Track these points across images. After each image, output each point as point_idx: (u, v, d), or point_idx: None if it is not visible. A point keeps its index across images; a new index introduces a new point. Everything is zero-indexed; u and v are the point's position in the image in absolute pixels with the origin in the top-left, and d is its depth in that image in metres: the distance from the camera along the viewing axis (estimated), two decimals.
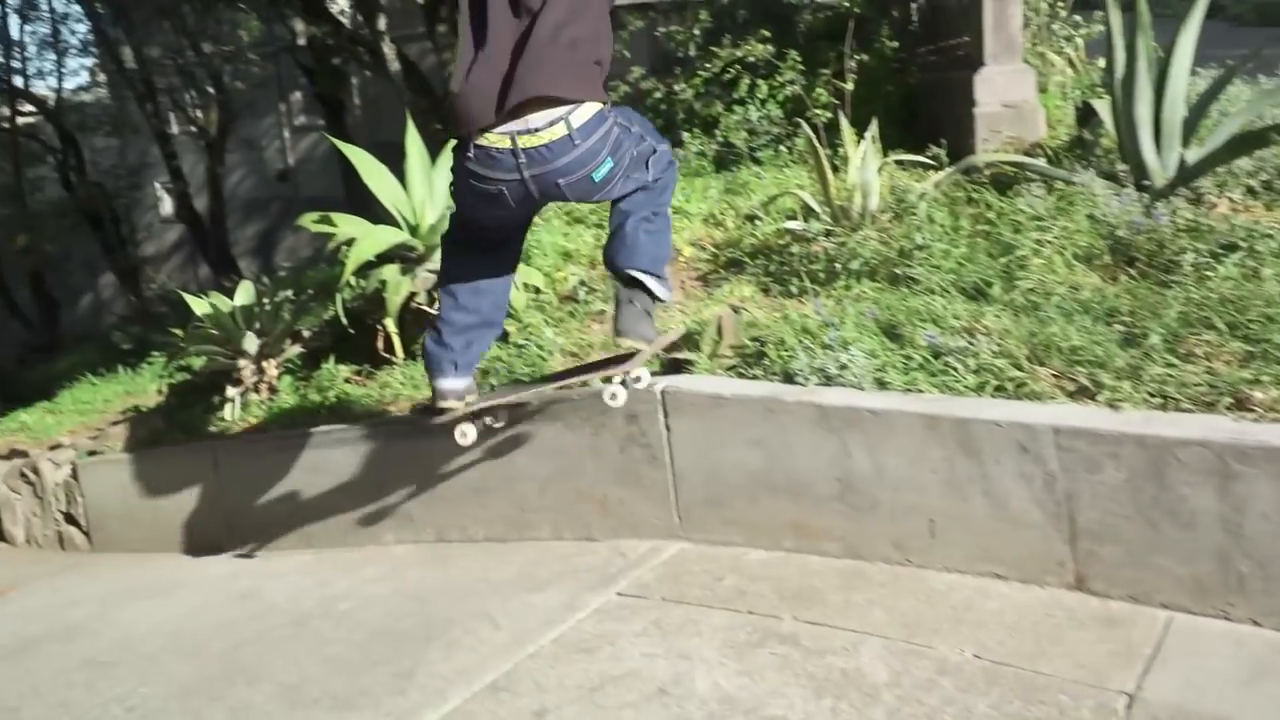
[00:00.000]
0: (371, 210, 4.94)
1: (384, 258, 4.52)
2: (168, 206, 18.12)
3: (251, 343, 4.91)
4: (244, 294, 5.15)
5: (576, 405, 3.39)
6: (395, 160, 4.66)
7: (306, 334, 5.16)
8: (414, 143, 4.57)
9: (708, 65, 5.89)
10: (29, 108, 16.39)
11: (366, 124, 14.23)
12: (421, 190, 4.53)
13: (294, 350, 5.03)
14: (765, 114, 5.55)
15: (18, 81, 16.09)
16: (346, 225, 4.59)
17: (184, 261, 18.43)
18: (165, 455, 4.85)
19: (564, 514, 3.50)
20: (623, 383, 2.98)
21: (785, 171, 5.21)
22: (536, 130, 2.59)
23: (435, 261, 4.44)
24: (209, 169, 13.79)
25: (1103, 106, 4.16)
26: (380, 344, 4.58)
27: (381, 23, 8.96)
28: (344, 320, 4.66)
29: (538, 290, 4.50)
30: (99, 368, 7.92)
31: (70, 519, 5.38)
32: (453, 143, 2.86)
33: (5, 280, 15.57)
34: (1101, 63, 5.53)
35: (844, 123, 4.37)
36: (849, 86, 5.26)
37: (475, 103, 2.61)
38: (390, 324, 4.42)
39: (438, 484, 3.79)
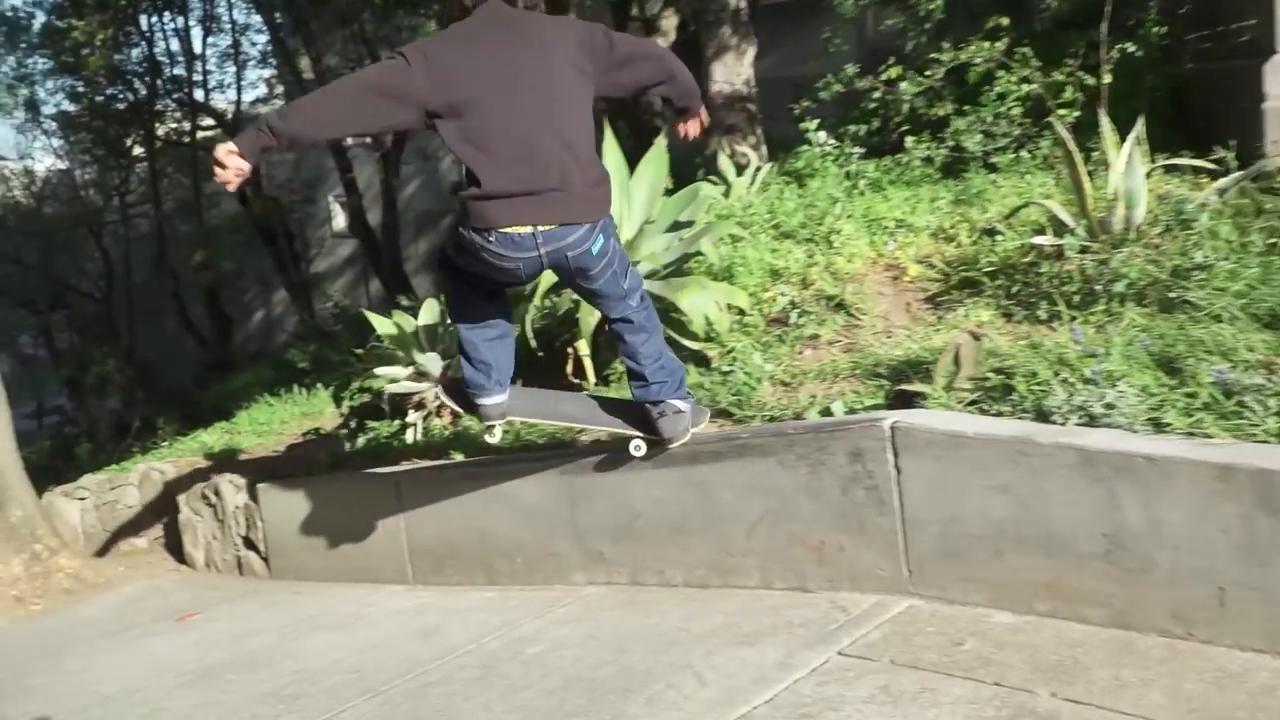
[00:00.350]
0: None
1: None
2: (341, 221, 19.31)
3: (435, 364, 5.14)
4: (428, 313, 5.40)
5: (792, 440, 3.38)
6: None
7: None
8: (613, 152, 4.69)
9: (938, 59, 5.79)
10: (208, 121, 17.90)
11: None
12: (619, 204, 4.64)
13: None
14: (1004, 112, 5.40)
15: (198, 95, 17.62)
16: None
17: (356, 278, 19.57)
18: (345, 481, 5.14)
19: (774, 560, 3.49)
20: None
21: (1027, 179, 5.06)
22: None
23: None
24: (383, 181, 14.63)
25: None
26: (570, 368, 4.71)
27: None
28: (532, 343, 4.82)
29: (742, 312, 4.53)
30: (275, 387, 8.51)
31: (249, 544, 5.77)
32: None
33: (181, 297, 16.96)
34: None
35: (1103, 121, 4.20)
36: (1106, 80, 5.05)
37: (507, 211, 3.20)
38: (583, 346, 4.54)
39: (633, 521, 3.86)
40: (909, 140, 5.77)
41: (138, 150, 18.25)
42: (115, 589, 6.09)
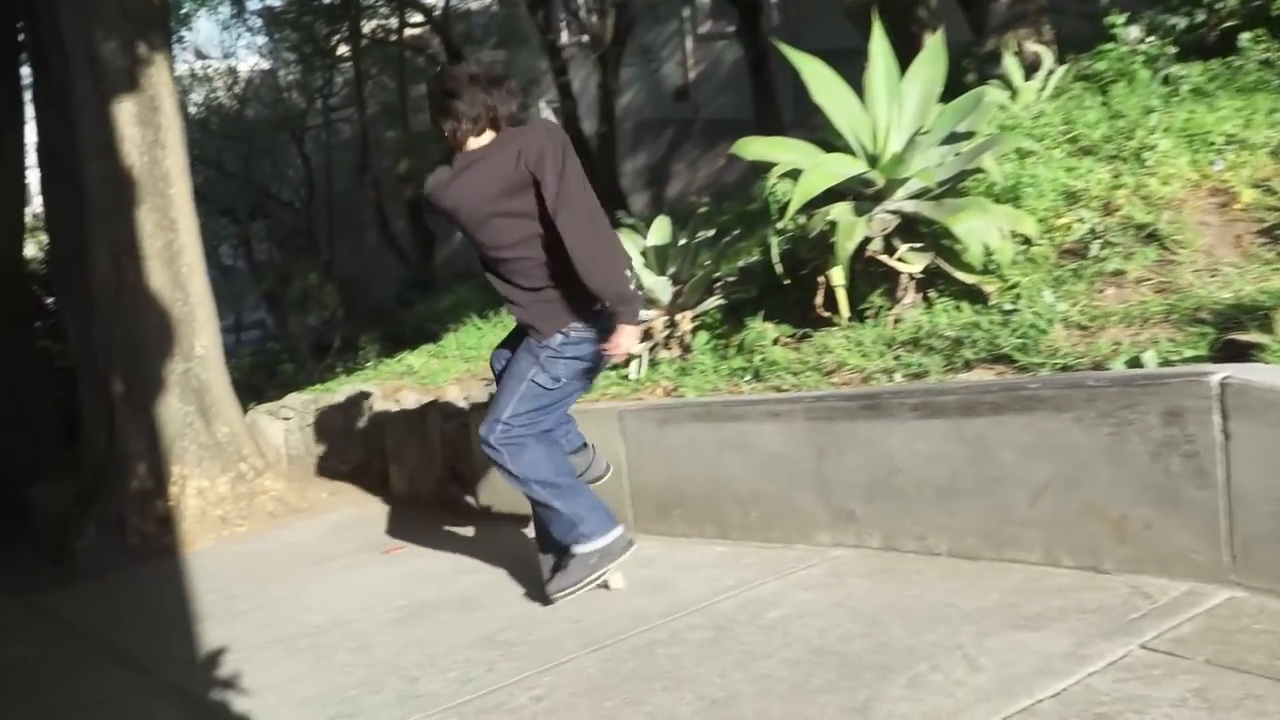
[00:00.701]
0: (789, 135, 4.99)
1: (831, 194, 4.57)
2: None
3: (665, 290, 5.19)
4: (659, 232, 5.44)
5: (1092, 394, 3.22)
6: None
7: (727, 283, 5.36)
8: (881, 49, 4.57)
9: None
10: (417, 18, 18.53)
11: (786, 30, 14.53)
12: (886, 109, 4.52)
13: (713, 301, 5.24)
14: None
15: None
16: (790, 152, 4.70)
17: None
18: None
19: (1062, 533, 3.36)
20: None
21: None
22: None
23: (896, 200, 4.45)
24: (601, 85, 14.79)
25: None
26: (820, 299, 4.65)
27: None
28: (778, 268, 4.79)
29: (1028, 241, 4.36)
30: (482, 309, 8.82)
31: (456, 475, 6.03)
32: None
33: (384, 210, 17.77)
34: None
35: None
36: None
37: (577, 305, 3.87)
38: (837, 275, 4.46)
39: (890, 477, 3.79)
40: (1243, 37, 5.34)
41: (342, 49, 19.13)
42: (319, 515, 6.52)
